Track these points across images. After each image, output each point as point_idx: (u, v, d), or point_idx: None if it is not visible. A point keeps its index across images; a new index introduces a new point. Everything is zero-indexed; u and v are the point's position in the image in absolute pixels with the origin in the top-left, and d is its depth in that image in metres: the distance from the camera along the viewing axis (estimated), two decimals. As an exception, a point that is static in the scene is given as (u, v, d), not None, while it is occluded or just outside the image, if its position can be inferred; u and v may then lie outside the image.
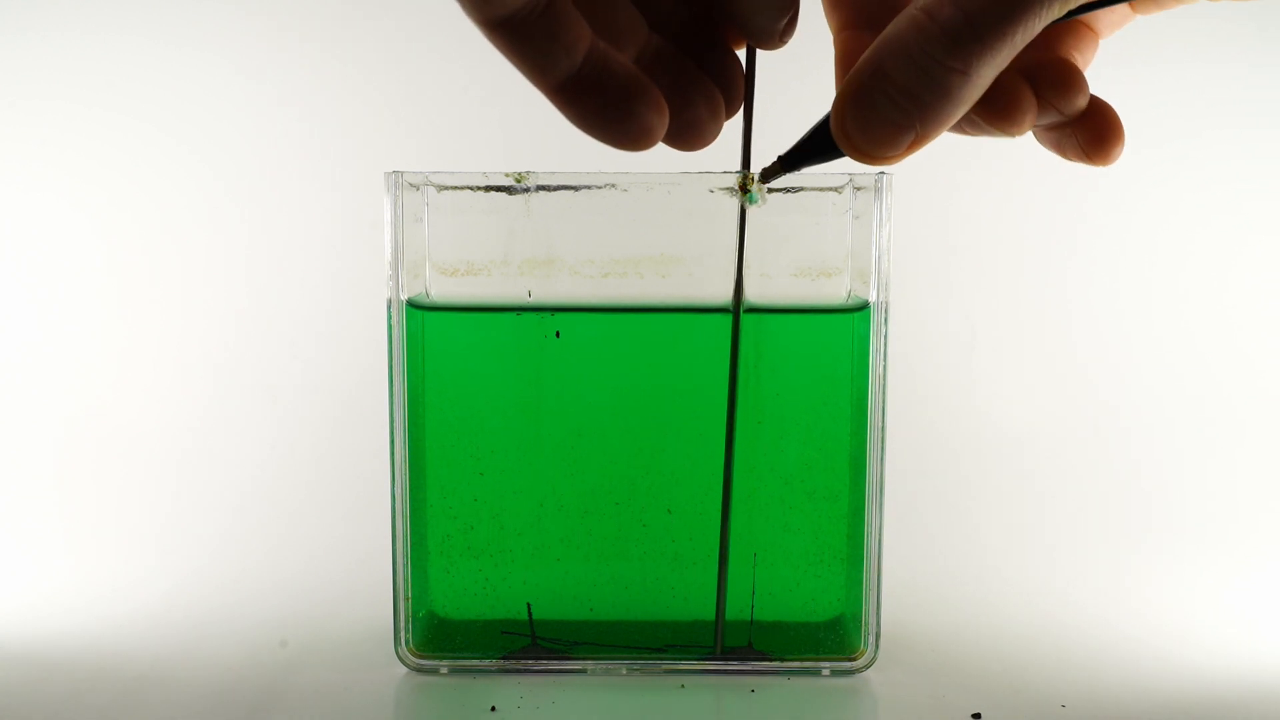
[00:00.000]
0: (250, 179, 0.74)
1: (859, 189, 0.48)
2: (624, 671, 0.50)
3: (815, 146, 0.42)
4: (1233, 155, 0.73)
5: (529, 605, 0.50)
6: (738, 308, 0.48)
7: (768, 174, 0.45)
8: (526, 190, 0.48)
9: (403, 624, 0.50)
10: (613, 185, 0.48)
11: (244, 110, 0.74)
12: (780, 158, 0.44)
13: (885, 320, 0.48)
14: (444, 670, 0.50)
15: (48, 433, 0.72)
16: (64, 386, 0.73)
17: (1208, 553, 0.66)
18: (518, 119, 0.71)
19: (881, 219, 0.48)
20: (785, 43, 0.40)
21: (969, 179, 0.74)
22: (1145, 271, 0.74)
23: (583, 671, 0.50)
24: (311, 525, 0.68)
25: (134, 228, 0.74)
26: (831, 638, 0.50)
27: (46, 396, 0.73)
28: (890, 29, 0.35)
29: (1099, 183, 0.74)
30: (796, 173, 0.45)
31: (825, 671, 0.50)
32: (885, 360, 0.49)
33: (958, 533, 0.68)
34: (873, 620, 0.50)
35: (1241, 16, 0.73)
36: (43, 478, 0.71)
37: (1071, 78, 0.40)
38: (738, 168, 0.46)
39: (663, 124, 0.37)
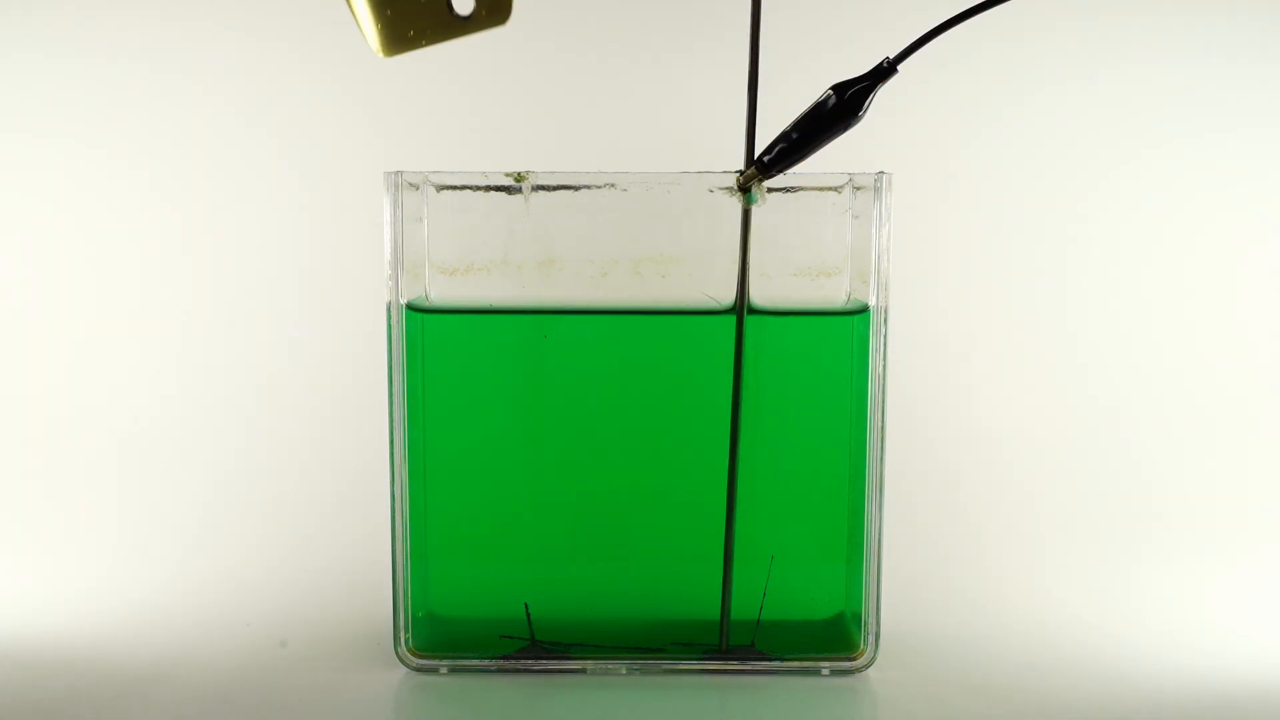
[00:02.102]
0: (250, 179, 0.74)
1: (859, 189, 0.48)
2: (624, 671, 0.50)
3: (791, 147, 0.42)
4: (1235, 156, 0.73)
5: (526, 605, 0.50)
6: (741, 308, 0.48)
7: (747, 179, 0.45)
8: (527, 190, 0.48)
9: (403, 624, 0.50)
10: (612, 185, 0.48)
11: (243, 110, 0.73)
12: (755, 162, 0.45)
13: (885, 320, 0.48)
14: (444, 670, 0.50)
15: (49, 433, 0.72)
16: (65, 387, 0.73)
17: (1207, 553, 0.66)
18: (518, 119, 0.71)
19: (881, 219, 0.48)
20: None
21: (968, 179, 0.74)
22: (1145, 273, 0.74)
23: (582, 671, 0.50)
24: (312, 526, 0.68)
25: (134, 228, 0.74)
26: (831, 637, 0.50)
27: (48, 397, 0.73)
28: None
29: (1100, 183, 0.74)
30: (782, 174, 0.46)
31: (825, 671, 0.50)
32: (885, 360, 0.49)
33: (957, 533, 0.68)
34: (873, 620, 0.50)
35: (1243, 15, 0.73)
36: (44, 478, 0.71)
37: None
38: (738, 167, 0.46)
39: None
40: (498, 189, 0.48)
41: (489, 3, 0.47)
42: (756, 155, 0.46)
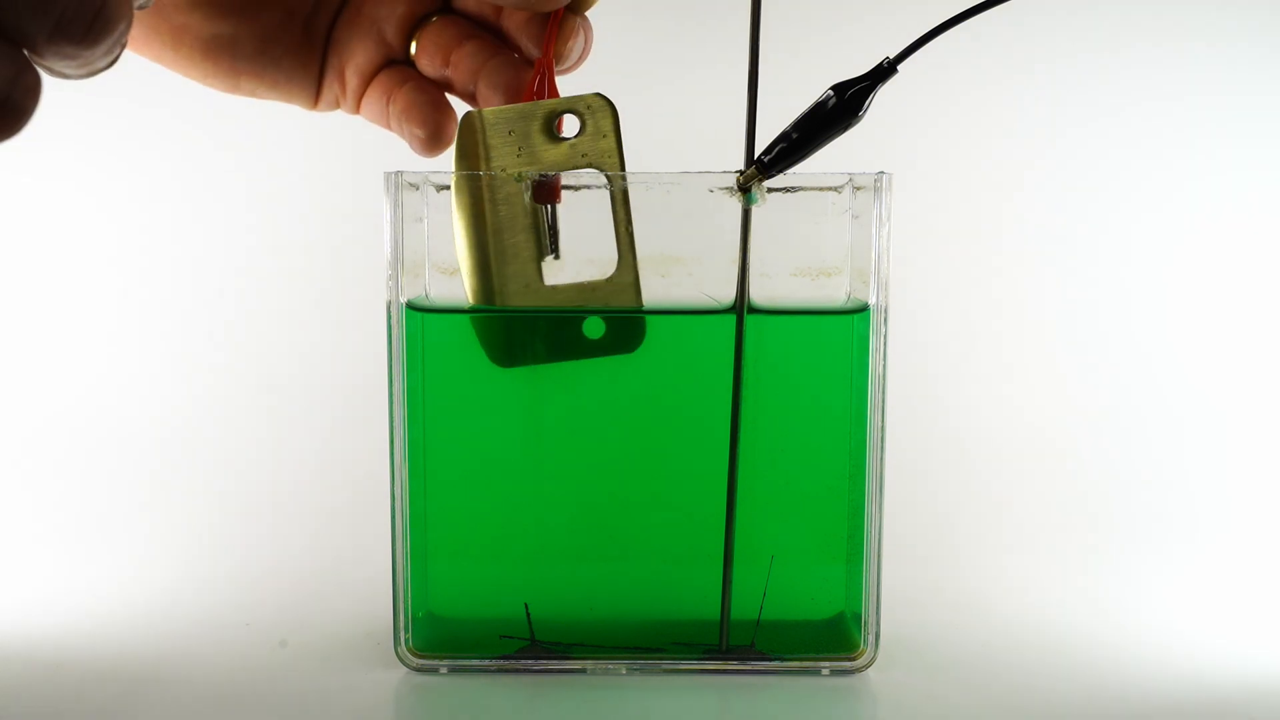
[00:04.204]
0: (250, 178, 0.74)
1: (859, 189, 0.48)
2: (624, 671, 0.50)
3: (791, 147, 0.43)
4: (1241, 160, 0.73)
5: (526, 605, 0.50)
6: (741, 308, 0.48)
7: (747, 179, 0.45)
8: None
9: (403, 624, 0.50)
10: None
11: (244, 109, 0.73)
12: (755, 162, 0.45)
13: (885, 320, 0.48)
14: (444, 670, 0.50)
15: (48, 433, 0.72)
16: (64, 386, 0.73)
17: (1208, 554, 0.66)
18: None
19: (881, 219, 0.48)
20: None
21: (968, 179, 0.74)
22: (1147, 273, 0.74)
23: (582, 671, 0.50)
24: (311, 525, 0.68)
25: (133, 228, 0.74)
26: (831, 637, 0.50)
27: (48, 396, 0.73)
28: None
29: (1102, 182, 0.74)
30: (782, 174, 0.46)
31: (825, 671, 0.50)
32: (885, 360, 0.49)
33: (958, 533, 0.68)
34: (873, 620, 0.50)
35: (1247, 14, 0.73)
36: (43, 478, 0.71)
37: None
38: (739, 167, 0.46)
39: None
40: (498, 189, 0.48)
41: (618, 330, 0.48)
42: (756, 155, 0.46)
